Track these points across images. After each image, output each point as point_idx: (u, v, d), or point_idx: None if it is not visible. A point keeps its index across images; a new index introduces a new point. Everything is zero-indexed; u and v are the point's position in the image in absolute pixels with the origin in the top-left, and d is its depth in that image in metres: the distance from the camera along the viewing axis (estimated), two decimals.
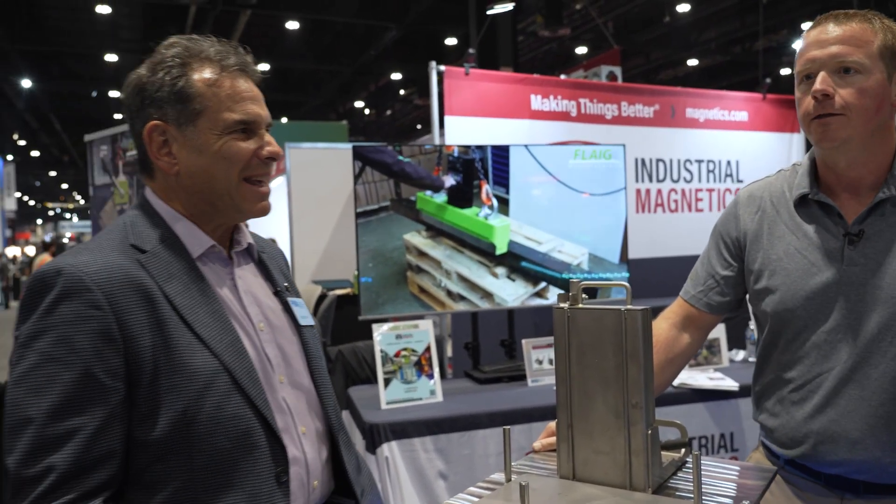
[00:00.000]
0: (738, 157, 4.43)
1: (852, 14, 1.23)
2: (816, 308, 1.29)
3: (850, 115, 1.21)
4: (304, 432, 1.16)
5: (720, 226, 1.49)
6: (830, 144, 1.25)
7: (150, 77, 1.12)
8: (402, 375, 2.69)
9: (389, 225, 2.93)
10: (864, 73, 1.21)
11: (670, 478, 1.14)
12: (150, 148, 1.13)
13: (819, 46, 1.23)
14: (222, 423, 1.04)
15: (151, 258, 1.08)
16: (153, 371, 1.02)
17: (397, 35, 13.25)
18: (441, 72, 3.39)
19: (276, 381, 1.15)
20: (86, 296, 1.00)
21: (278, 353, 1.18)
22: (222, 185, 1.13)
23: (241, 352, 1.09)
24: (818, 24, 1.25)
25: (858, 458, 1.25)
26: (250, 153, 1.13)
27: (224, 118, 1.11)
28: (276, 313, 1.22)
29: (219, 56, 1.13)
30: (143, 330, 1.02)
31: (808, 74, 1.25)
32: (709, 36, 14.50)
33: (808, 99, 1.24)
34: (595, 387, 1.11)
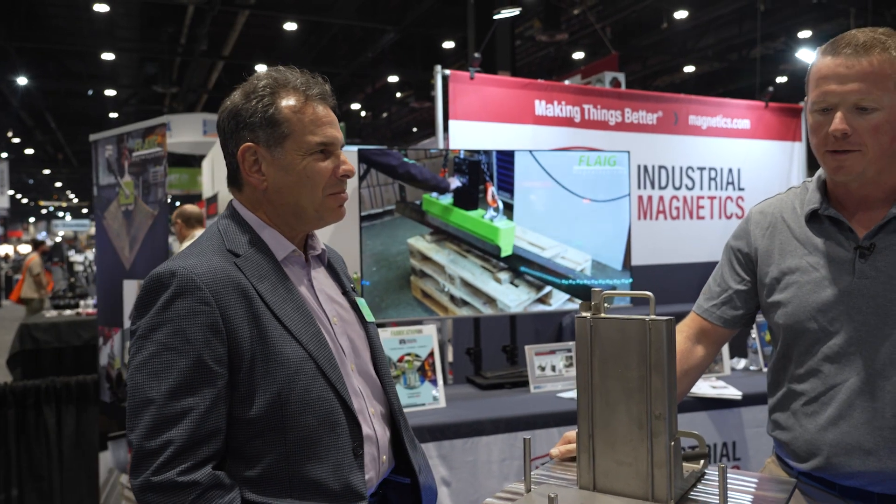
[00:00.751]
0: (739, 165, 4.44)
1: (871, 43, 1.22)
2: (828, 321, 1.30)
3: (866, 150, 1.24)
4: (373, 414, 1.31)
5: (732, 242, 1.52)
6: (846, 178, 1.28)
7: (244, 104, 1.27)
8: (405, 381, 2.67)
9: (393, 229, 2.92)
10: (881, 109, 1.22)
11: (691, 489, 1.13)
12: (242, 166, 1.28)
13: (838, 81, 1.23)
14: (310, 404, 1.19)
15: (245, 261, 1.23)
16: (251, 359, 1.17)
17: (395, 38, 13.23)
18: (446, 76, 3.38)
19: (349, 369, 1.30)
20: (197, 294, 1.15)
21: (349, 345, 1.33)
22: (308, 201, 1.28)
23: (322, 342, 1.24)
24: (837, 50, 1.24)
25: (872, 469, 1.25)
26: (329, 172, 1.28)
27: (307, 140, 1.26)
28: (346, 310, 1.38)
29: (304, 86, 1.28)
30: (242, 323, 1.17)
31: (825, 107, 1.25)
32: (706, 43, 14.54)
33: (825, 131, 1.25)
34: (618, 397, 1.10)
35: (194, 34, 12.41)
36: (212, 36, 12.29)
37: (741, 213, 4.48)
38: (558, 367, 2.92)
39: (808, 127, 1.32)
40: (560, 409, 2.61)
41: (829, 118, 1.25)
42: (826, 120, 1.25)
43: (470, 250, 3.01)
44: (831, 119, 1.24)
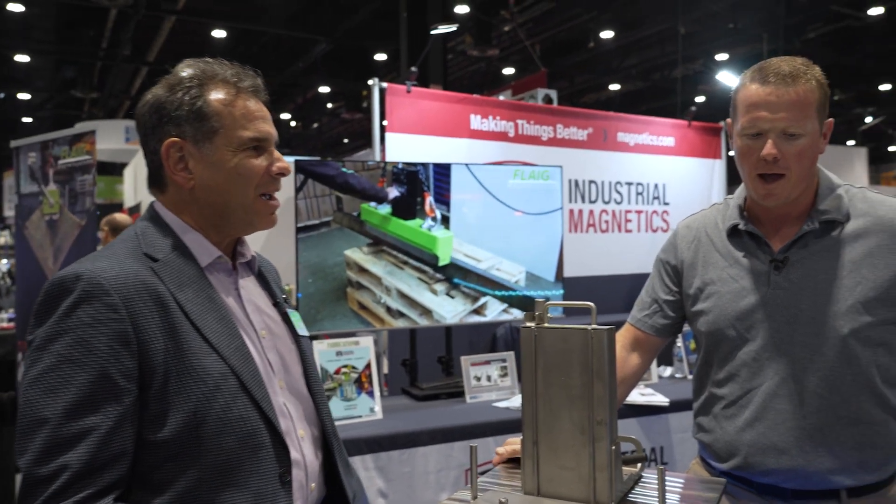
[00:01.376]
0: (665, 181, 4.63)
1: (796, 73, 1.31)
2: (746, 328, 1.39)
3: (791, 175, 1.34)
4: (302, 436, 1.21)
5: (661, 255, 1.61)
6: (774, 203, 1.38)
7: (168, 96, 1.18)
8: (342, 393, 2.66)
9: (330, 240, 2.90)
10: (805, 135, 1.32)
11: (630, 491, 1.18)
12: (166, 164, 1.18)
13: (769, 109, 1.31)
14: (230, 424, 1.08)
15: (163, 266, 1.13)
16: (164, 374, 1.06)
17: (327, 48, 13.16)
18: (383, 88, 3.40)
19: (277, 386, 1.20)
20: (104, 299, 1.04)
21: (279, 360, 1.24)
22: (238, 201, 1.20)
23: (247, 356, 1.15)
24: (766, 79, 1.32)
25: (786, 467, 1.34)
26: (262, 169, 1.20)
27: (239, 136, 1.18)
28: (276, 323, 1.28)
29: (234, 78, 1.20)
30: (157, 334, 1.07)
31: (756, 133, 1.33)
32: (630, 62, 15.08)
33: (756, 156, 1.34)
34: (561, 404, 1.13)
35: (117, 38, 12.00)
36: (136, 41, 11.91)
37: (666, 227, 4.66)
38: (493, 377, 2.96)
39: (736, 150, 1.40)
40: (496, 419, 2.65)
41: (759, 143, 1.33)
42: (756, 145, 1.33)
43: (407, 262, 3.03)
44: (761, 144, 1.32)
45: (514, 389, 2.95)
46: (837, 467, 1.31)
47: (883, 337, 1.32)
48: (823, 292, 1.33)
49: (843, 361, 1.31)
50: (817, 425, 1.32)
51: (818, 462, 1.32)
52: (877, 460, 1.32)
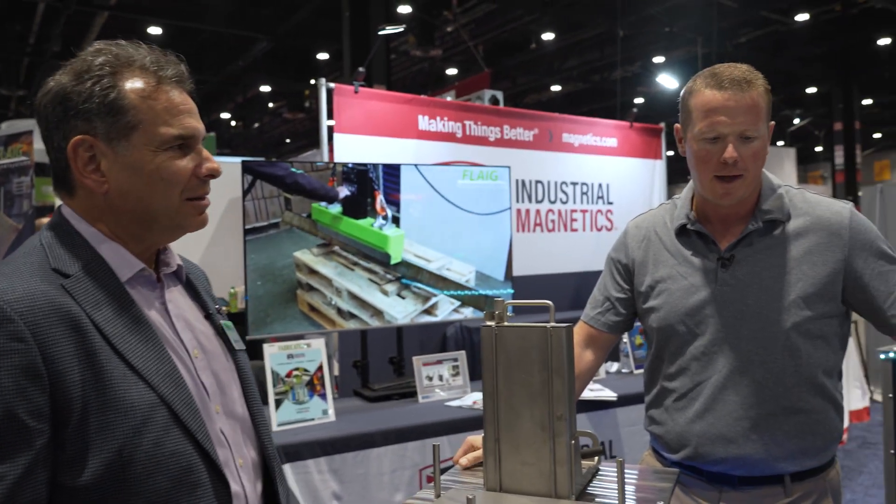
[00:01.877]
0: (608, 181, 4.74)
1: (749, 78, 1.37)
2: (695, 324, 1.45)
3: (747, 175, 1.40)
4: (241, 465, 1.09)
5: (613, 254, 1.65)
6: (731, 202, 1.43)
7: (75, 86, 1.01)
8: (293, 396, 2.63)
9: (279, 242, 2.87)
10: (759, 138, 1.39)
11: (588, 484, 1.21)
12: (74, 164, 1.02)
13: (728, 114, 1.36)
14: (162, 462, 0.95)
15: (76, 283, 0.98)
16: (83, 409, 0.91)
17: (267, 47, 12.97)
18: (330, 89, 3.38)
19: (213, 412, 1.07)
20: (7, 327, 0.89)
21: (214, 382, 1.10)
22: (161, 207, 1.05)
23: (179, 382, 1.01)
24: (721, 85, 1.37)
25: (734, 455, 1.40)
26: (189, 172, 1.06)
27: (161, 133, 1.03)
28: (209, 338, 1.14)
29: (154, 66, 1.04)
30: (72, 363, 0.92)
31: (715, 137, 1.38)
32: (571, 64, 15.35)
33: (716, 158, 1.38)
34: (522, 401, 1.16)
35: (46, 34, 11.55)
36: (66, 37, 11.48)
37: (611, 226, 4.77)
38: (445, 377, 2.98)
39: (692, 153, 1.44)
40: (449, 418, 2.67)
41: (718, 146, 1.38)
42: (716, 149, 1.38)
43: (357, 263, 3.02)
44: (720, 147, 1.38)
45: (465, 388, 2.97)
46: (782, 454, 1.38)
47: (822, 330, 1.39)
48: (767, 288, 1.40)
49: (787, 354, 1.38)
50: (763, 415, 1.39)
51: (764, 450, 1.38)
52: (817, 447, 1.40)
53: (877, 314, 1.39)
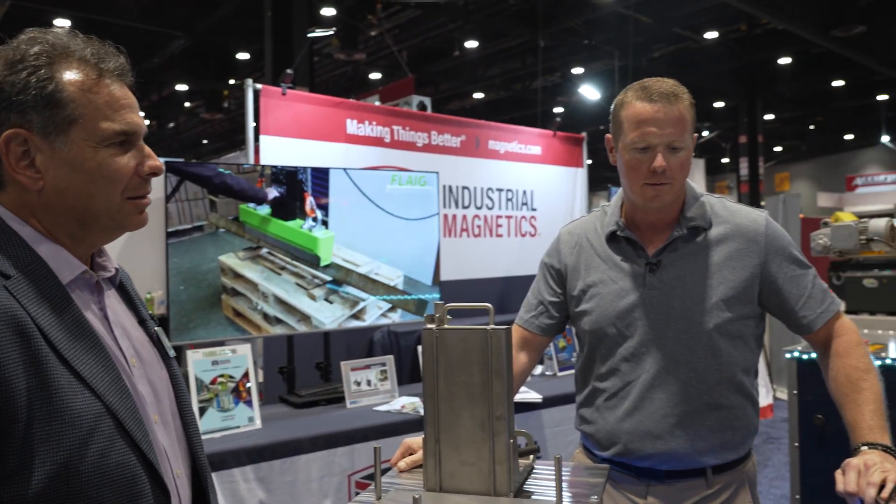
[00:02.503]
0: (532, 188, 4.85)
1: (676, 92, 1.45)
2: (625, 326, 1.51)
3: (675, 182, 1.47)
4: (178, 475, 1.07)
5: (546, 259, 1.70)
6: (659, 204, 1.50)
7: (7, 75, 0.96)
8: (218, 403, 2.57)
9: (203, 246, 2.80)
10: (685, 149, 1.47)
11: (524, 481, 1.24)
12: (6, 160, 0.97)
13: (658, 125, 1.44)
14: (107, 474, 0.92)
15: (18, 285, 0.92)
16: (28, 418, 0.87)
17: (184, 45, 12.58)
18: (257, 90, 3.32)
19: (152, 421, 1.04)
20: None
21: (150, 391, 1.06)
22: (102, 206, 1.01)
23: (124, 391, 0.97)
24: (651, 98, 1.45)
25: (661, 451, 1.47)
26: (131, 170, 1.02)
27: (103, 128, 0.99)
28: (144, 346, 1.10)
29: (95, 58, 1.00)
30: (17, 370, 0.87)
31: (645, 147, 1.45)
32: (494, 72, 15.58)
33: (646, 167, 1.45)
34: (462, 402, 1.18)
35: None
36: None
37: (534, 232, 4.88)
38: (373, 382, 2.98)
39: (622, 162, 1.51)
40: (378, 423, 2.67)
41: (648, 156, 1.45)
42: (646, 158, 1.45)
43: (284, 267, 2.97)
44: (651, 157, 1.44)
45: (394, 393, 2.98)
46: (704, 448, 1.46)
47: (740, 331, 1.48)
48: (691, 292, 1.47)
49: (709, 354, 1.46)
50: (688, 412, 1.46)
51: (689, 445, 1.46)
52: (736, 440, 1.48)
53: (789, 315, 1.49)
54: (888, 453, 1.25)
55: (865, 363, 1.41)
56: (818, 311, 1.47)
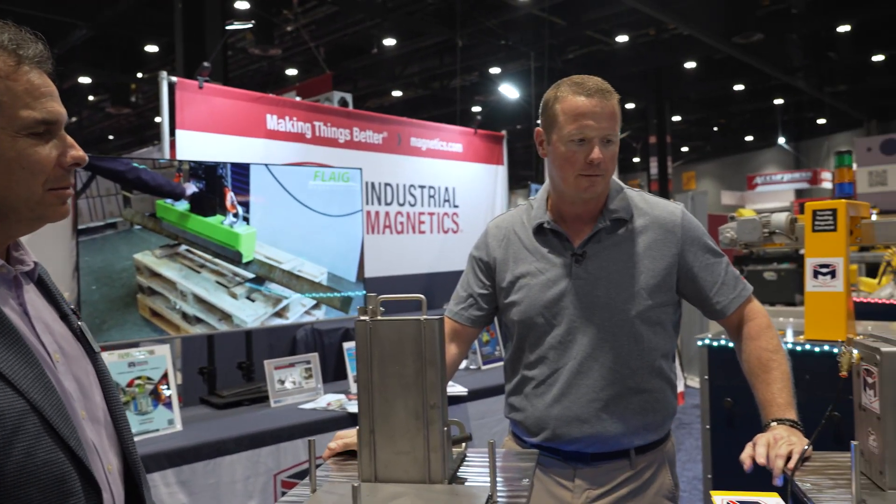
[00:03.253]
0: (454, 185, 4.90)
1: (608, 89, 1.52)
2: (552, 315, 1.56)
3: (606, 174, 1.54)
4: (110, 470, 1.05)
5: (474, 252, 1.73)
6: (592, 195, 1.55)
7: None
8: (136, 406, 2.48)
9: (117, 243, 2.69)
10: (616, 142, 1.54)
11: (458, 468, 1.27)
12: None
13: (595, 119, 1.49)
14: (34, 473, 0.89)
15: None
16: None
17: (87, 35, 12.00)
18: (172, 83, 3.21)
19: (80, 417, 1.02)
20: None
21: (76, 387, 1.03)
22: (22, 198, 0.97)
23: (48, 387, 0.94)
24: (588, 93, 1.50)
25: (587, 434, 1.53)
26: (53, 161, 0.98)
27: (22, 117, 0.95)
28: (67, 341, 1.07)
29: (12, 44, 0.96)
30: None
31: (582, 139, 1.50)
32: (412, 70, 15.60)
33: (581, 159, 1.51)
34: (396, 392, 1.19)
35: None
36: None
37: (456, 228, 4.93)
38: (298, 380, 2.94)
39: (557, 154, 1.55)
40: (304, 421, 2.64)
41: (584, 148, 1.50)
42: (582, 150, 1.50)
43: (204, 265, 2.89)
44: (587, 149, 1.50)
45: (319, 391, 2.95)
46: (628, 431, 1.53)
47: (660, 317, 1.56)
48: (615, 281, 1.54)
49: (632, 340, 1.53)
50: (612, 396, 1.52)
51: (613, 427, 1.52)
52: (657, 422, 1.56)
53: (704, 301, 1.58)
54: (794, 428, 1.35)
55: (774, 344, 1.51)
56: (731, 297, 1.57)
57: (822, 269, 2.32)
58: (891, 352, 1.10)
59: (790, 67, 14.56)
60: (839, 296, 2.29)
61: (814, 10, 12.23)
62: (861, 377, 1.18)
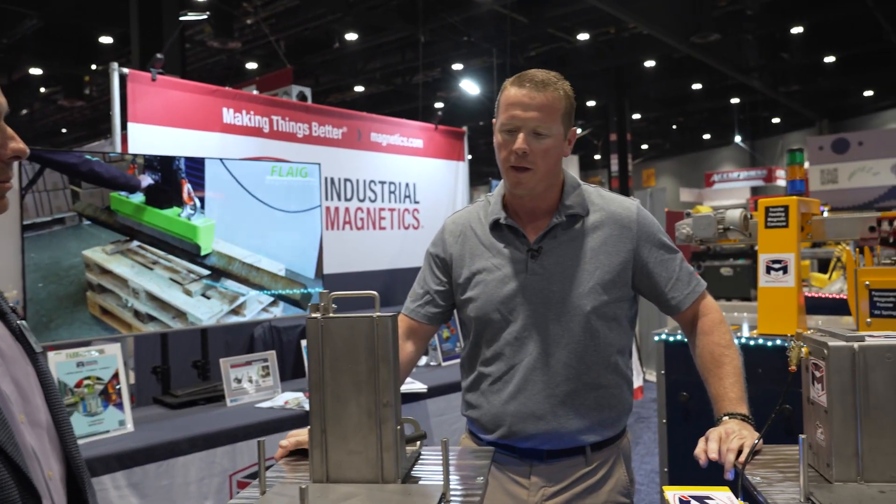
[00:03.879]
0: (415, 181, 4.87)
1: (547, 81, 1.51)
2: (509, 311, 1.55)
3: (537, 169, 1.52)
4: (51, 477, 1.00)
5: (431, 248, 1.72)
6: (522, 192, 1.55)
7: None
8: (84, 407, 2.41)
9: (65, 240, 2.60)
10: (550, 136, 1.51)
11: (412, 467, 1.25)
12: None
13: (523, 108, 1.49)
14: None
15: None
16: None
17: (38, 25, 11.65)
18: (124, 74, 3.12)
19: (18, 421, 0.97)
20: None
21: (14, 389, 0.99)
22: None
23: None
24: (523, 83, 1.50)
25: (543, 431, 1.52)
26: None
27: None
28: (6, 341, 1.02)
29: None
30: None
31: (511, 129, 1.50)
32: (374, 66, 15.50)
33: (510, 149, 1.50)
34: (348, 391, 1.17)
35: None
36: None
37: (417, 224, 4.91)
38: (255, 378, 2.89)
39: (495, 144, 1.55)
40: (261, 420, 2.59)
41: (513, 138, 1.50)
42: (511, 139, 1.50)
43: (157, 262, 2.82)
44: (515, 139, 1.48)
45: (276, 389, 2.91)
46: (583, 427, 1.53)
47: (616, 313, 1.56)
48: (570, 276, 1.54)
49: (587, 335, 1.53)
50: (567, 392, 1.52)
51: (568, 424, 1.52)
52: (612, 418, 1.56)
53: (659, 297, 1.59)
54: (746, 422, 1.37)
55: (727, 339, 1.53)
56: (685, 293, 1.58)
57: (774, 265, 2.36)
58: (838, 346, 1.11)
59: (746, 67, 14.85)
60: (791, 291, 2.34)
61: (768, 11, 12.50)
62: (809, 371, 1.20)
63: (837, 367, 1.11)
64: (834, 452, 1.11)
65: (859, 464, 1.10)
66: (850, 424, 1.11)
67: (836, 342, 1.12)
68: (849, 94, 20.01)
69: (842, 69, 16.26)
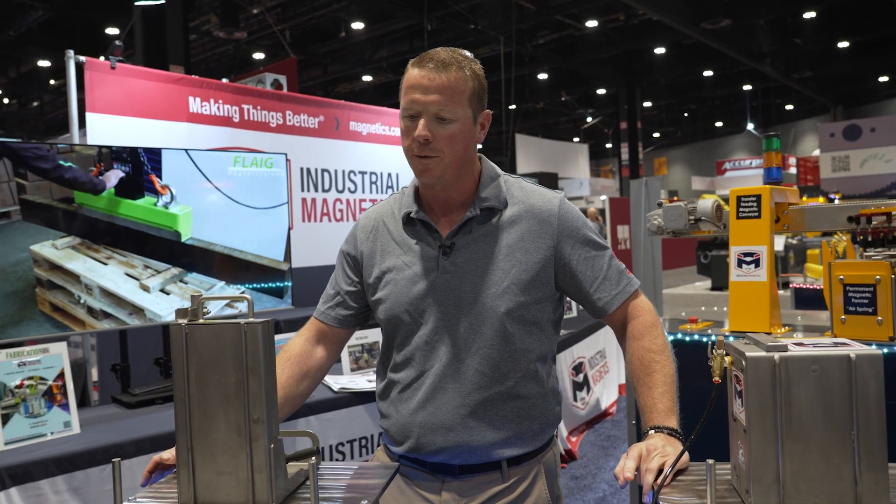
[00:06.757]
0: (398, 171, 4.75)
1: (450, 61, 1.36)
2: (419, 313, 1.42)
3: (444, 156, 1.37)
4: None
5: (344, 246, 1.58)
6: (429, 180, 1.40)
7: None
8: (26, 409, 2.32)
9: (10, 235, 2.52)
10: (456, 121, 1.36)
11: (298, 488, 1.14)
12: None
13: (422, 91, 1.34)
14: None
15: None
16: None
17: (45, 16, 11.66)
18: (81, 63, 3.03)
19: None
20: None
21: None
22: None
23: None
24: (423, 64, 1.36)
25: (452, 443, 1.38)
26: None
27: None
28: None
29: None
30: None
31: (412, 114, 1.36)
32: (382, 55, 15.38)
33: (412, 136, 1.36)
34: (216, 405, 1.06)
35: None
36: None
37: None
38: None
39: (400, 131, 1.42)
40: None
41: (415, 124, 1.35)
42: (413, 125, 1.36)
43: (112, 256, 2.73)
44: (417, 125, 1.35)
45: None
46: (498, 440, 1.38)
47: (535, 316, 1.41)
48: (483, 275, 1.40)
49: (501, 340, 1.38)
50: (480, 402, 1.38)
51: (481, 436, 1.38)
52: (532, 431, 1.42)
53: (585, 298, 1.45)
54: (672, 436, 1.23)
55: (658, 344, 1.38)
56: (613, 293, 1.43)
57: (746, 258, 2.21)
58: (755, 357, 0.98)
59: (758, 53, 14.53)
60: (763, 285, 2.19)
61: None
62: (732, 384, 1.07)
63: (756, 380, 0.98)
64: (752, 477, 0.98)
65: (780, 491, 0.97)
66: (770, 446, 0.97)
67: (755, 352, 0.99)
68: (863, 79, 19.57)
69: (856, 54, 15.86)
